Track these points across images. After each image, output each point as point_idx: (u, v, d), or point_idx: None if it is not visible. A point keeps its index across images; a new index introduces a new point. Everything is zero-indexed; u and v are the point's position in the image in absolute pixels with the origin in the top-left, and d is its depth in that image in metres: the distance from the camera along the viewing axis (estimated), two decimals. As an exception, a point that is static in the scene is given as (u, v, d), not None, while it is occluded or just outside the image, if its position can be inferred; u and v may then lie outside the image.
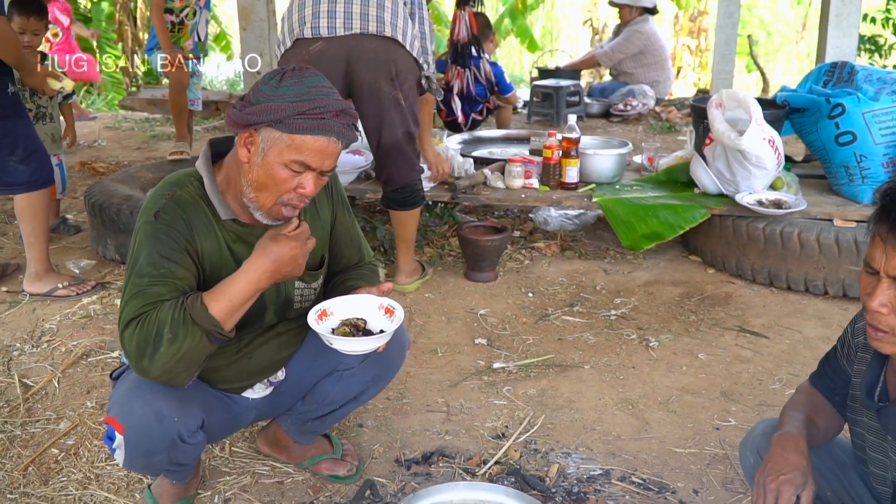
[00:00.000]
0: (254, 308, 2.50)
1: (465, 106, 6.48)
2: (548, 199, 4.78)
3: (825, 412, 2.16)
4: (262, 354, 2.62)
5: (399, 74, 3.95)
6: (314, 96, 2.22)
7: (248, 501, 2.78)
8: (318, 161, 2.26)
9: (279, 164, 2.25)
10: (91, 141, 8.17)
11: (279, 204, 2.33)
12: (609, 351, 3.80)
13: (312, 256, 2.60)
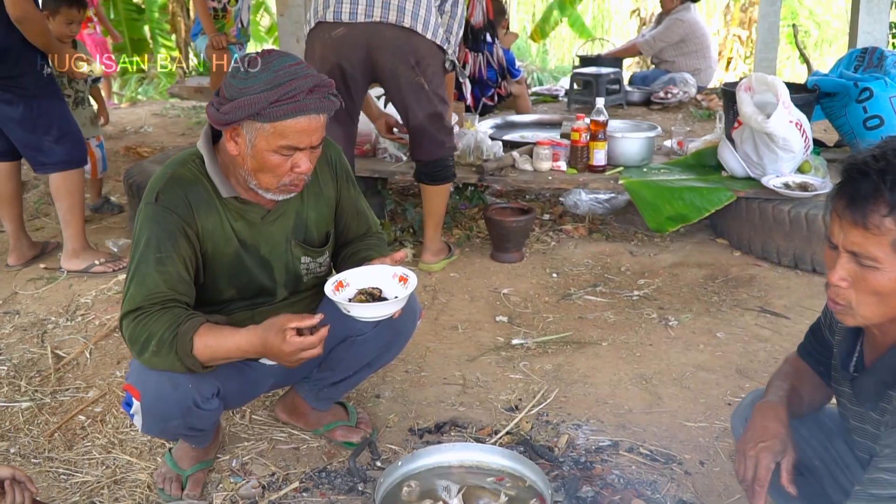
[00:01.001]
0: (262, 283, 2.60)
1: (475, 90, 6.53)
2: (575, 182, 4.82)
3: (811, 382, 2.18)
4: None
5: (421, 62, 4.03)
6: (283, 80, 2.26)
7: (264, 466, 2.88)
8: (305, 140, 2.33)
9: (269, 152, 2.32)
10: (138, 127, 8.37)
11: (282, 185, 2.41)
12: (628, 329, 3.84)
13: (317, 232, 2.68)
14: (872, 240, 1.67)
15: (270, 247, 2.59)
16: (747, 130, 4.58)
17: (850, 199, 1.69)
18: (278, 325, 2.27)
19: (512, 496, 2.15)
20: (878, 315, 1.77)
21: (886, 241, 1.66)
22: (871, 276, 1.71)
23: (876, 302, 1.74)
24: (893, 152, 1.69)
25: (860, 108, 4.71)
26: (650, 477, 2.81)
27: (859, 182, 1.68)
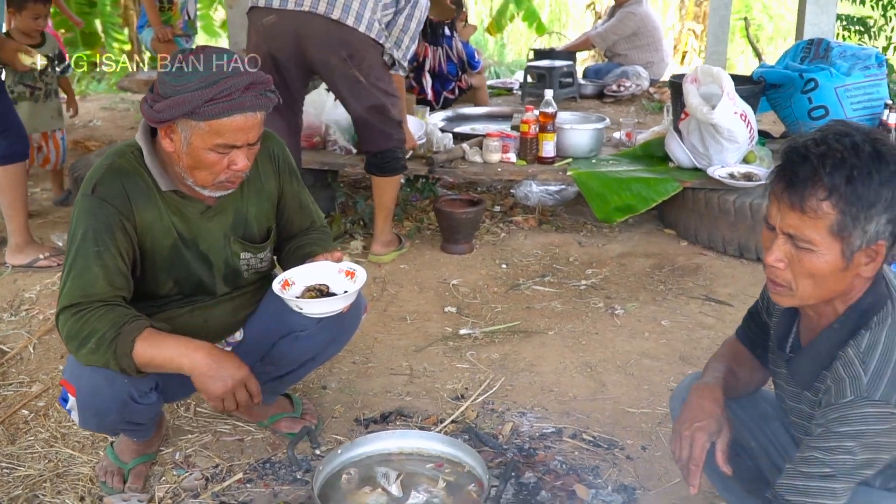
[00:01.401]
0: (201, 278, 2.58)
1: (436, 84, 6.55)
2: (524, 173, 4.85)
3: (747, 364, 2.22)
4: (217, 318, 2.69)
5: (354, 55, 4.02)
6: (218, 77, 2.23)
7: (208, 458, 2.87)
8: (242, 138, 2.30)
9: (205, 150, 2.29)
10: (87, 121, 8.27)
11: (217, 182, 2.39)
12: (575, 318, 3.87)
13: (258, 228, 2.66)
14: (809, 223, 1.70)
15: (209, 243, 2.56)
16: (693, 122, 4.64)
17: (789, 183, 1.72)
18: (238, 372, 2.31)
19: (451, 482, 2.16)
20: (814, 296, 1.80)
21: (823, 225, 1.69)
22: (807, 258, 1.74)
23: (811, 284, 1.77)
24: (833, 136, 1.72)
25: (805, 99, 4.79)
26: (592, 462, 2.84)
27: (799, 166, 1.71)
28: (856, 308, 1.81)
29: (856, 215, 1.67)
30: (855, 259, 1.73)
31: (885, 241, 1.72)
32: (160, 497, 2.67)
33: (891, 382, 1.72)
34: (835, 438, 1.75)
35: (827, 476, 1.76)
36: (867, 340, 1.77)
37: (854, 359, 1.76)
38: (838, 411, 1.74)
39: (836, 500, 1.77)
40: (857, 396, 1.72)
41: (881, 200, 1.68)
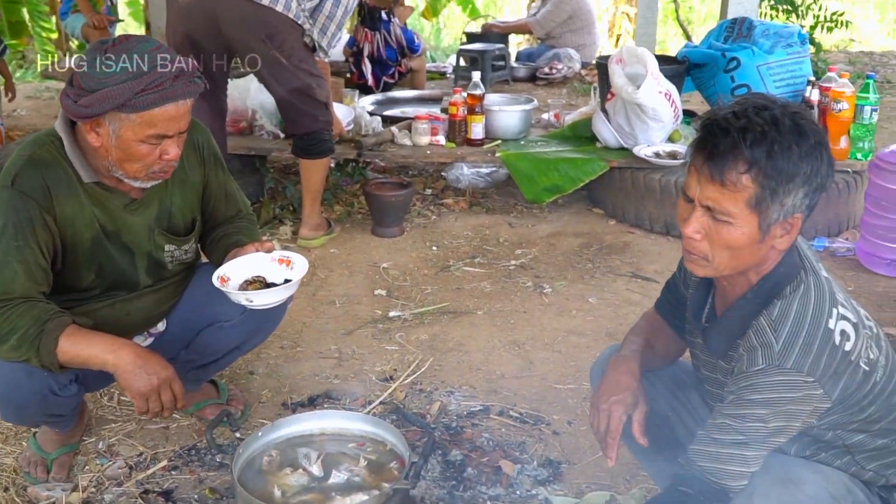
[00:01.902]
0: (123, 270, 2.54)
1: (375, 69, 6.53)
2: (453, 155, 4.86)
3: (664, 336, 2.25)
4: (140, 310, 2.65)
5: (274, 36, 3.97)
6: (147, 68, 2.19)
7: (132, 446, 2.84)
8: (174, 127, 2.27)
9: (136, 142, 2.24)
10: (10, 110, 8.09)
11: (150, 173, 2.35)
12: (504, 298, 3.90)
13: (182, 219, 2.62)
14: (728, 196, 1.71)
15: (132, 236, 2.52)
16: (619, 102, 4.69)
17: (709, 155, 1.72)
18: (163, 371, 2.31)
19: (372, 460, 2.17)
20: (730, 267, 1.82)
21: (742, 198, 1.71)
22: (725, 230, 1.75)
23: (728, 255, 1.79)
24: (754, 110, 1.73)
25: (728, 78, 4.86)
26: (519, 438, 2.87)
27: (719, 138, 1.71)
28: (769, 278, 1.84)
29: (774, 189, 1.69)
30: (771, 231, 1.75)
31: (802, 213, 1.76)
32: (84, 486, 2.65)
33: (802, 351, 1.74)
34: (746, 406, 1.78)
35: (738, 443, 1.79)
36: (779, 309, 1.79)
37: (766, 327, 1.79)
38: (750, 379, 1.77)
39: (746, 466, 1.80)
40: (768, 364, 1.75)
41: (800, 174, 1.70)
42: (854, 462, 1.93)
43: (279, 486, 2.08)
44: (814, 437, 1.91)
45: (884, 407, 1.90)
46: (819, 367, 1.75)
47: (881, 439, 1.92)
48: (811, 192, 1.73)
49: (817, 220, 4.43)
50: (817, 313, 1.78)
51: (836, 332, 1.78)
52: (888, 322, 3.62)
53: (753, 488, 1.83)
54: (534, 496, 2.59)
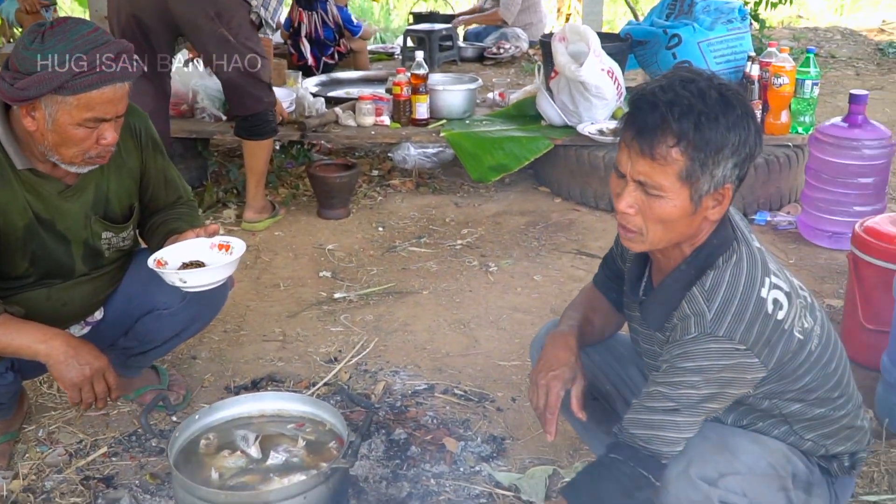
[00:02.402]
0: (58, 258, 2.50)
1: (314, 49, 6.48)
2: (398, 136, 4.85)
3: (603, 310, 2.26)
4: (76, 299, 2.61)
5: (222, 13, 3.92)
6: (84, 49, 2.17)
7: (72, 433, 2.81)
8: (112, 110, 2.24)
9: (73, 126, 2.21)
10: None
11: (87, 158, 2.31)
12: (449, 277, 3.90)
13: (119, 206, 2.58)
14: (659, 170, 1.72)
15: (68, 223, 2.48)
16: (563, 80, 4.70)
17: (639, 130, 1.73)
18: (97, 362, 2.30)
19: (311, 440, 2.16)
20: (664, 241, 1.83)
21: (673, 171, 1.71)
22: (658, 204, 1.76)
23: (661, 229, 1.80)
24: (680, 83, 1.74)
25: (670, 55, 4.89)
26: (463, 416, 2.87)
27: (648, 113, 1.72)
28: (702, 249, 1.86)
29: (704, 161, 1.70)
30: (703, 203, 1.76)
31: (732, 184, 1.77)
32: (24, 474, 2.61)
33: (735, 319, 1.76)
34: (679, 373, 1.79)
35: (670, 410, 1.80)
36: (712, 279, 1.81)
37: (699, 296, 1.80)
38: (683, 347, 1.79)
39: (678, 433, 1.82)
40: (700, 333, 1.77)
41: (728, 145, 1.71)
42: (792, 432, 1.96)
43: (217, 468, 2.06)
44: (750, 407, 1.93)
45: (820, 376, 1.92)
46: (752, 336, 1.77)
47: (818, 409, 1.95)
48: (740, 162, 1.75)
49: (759, 194, 4.48)
50: (749, 283, 1.80)
51: (769, 301, 1.80)
52: (830, 293, 3.69)
53: (691, 456, 1.84)
54: (477, 472, 2.60)
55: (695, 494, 1.85)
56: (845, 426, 2.01)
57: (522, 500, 2.48)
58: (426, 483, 2.53)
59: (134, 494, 2.48)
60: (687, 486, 1.85)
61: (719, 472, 1.85)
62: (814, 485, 1.99)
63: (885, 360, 2.82)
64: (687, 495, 1.85)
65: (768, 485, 1.92)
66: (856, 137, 3.97)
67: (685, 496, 1.85)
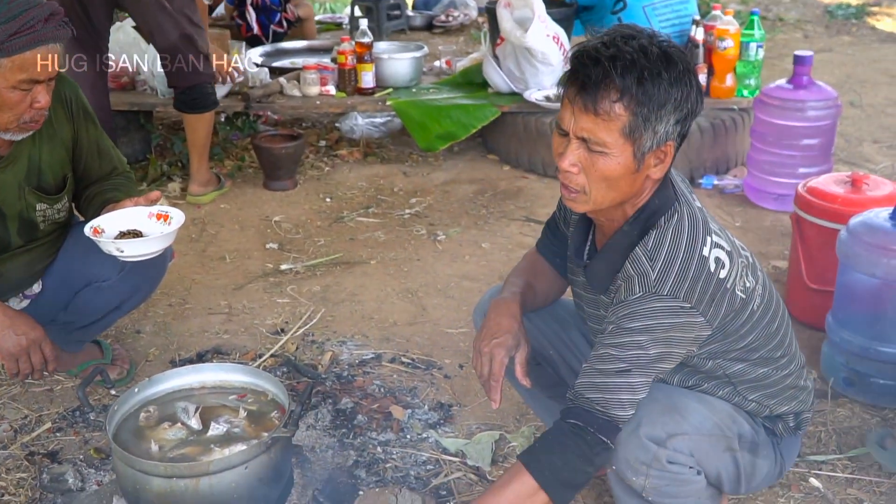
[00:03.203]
0: None
1: (261, 17, 6.37)
2: (343, 105, 4.80)
3: (546, 276, 2.24)
4: (12, 271, 2.58)
5: None
6: (18, 11, 2.16)
7: (16, 409, 2.77)
8: (44, 72, 2.23)
9: (7, 89, 2.21)
10: None
11: (22, 123, 2.30)
12: (397, 247, 3.89)
13: (53, 176, 2.55)
14: (602, 126, 1.71)
15: (2, 195, 2.45)
16: (509, 46, 4.67)
17: (582, 86, 1.71)
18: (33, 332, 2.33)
19: (253, 411, 2.14)
20: (607, 200, 1.82)
21: (616, 127, 1.71)
22: (601, 161, 1.75)
23: (605, 187, 1.78)
24: (622, 39, 1.73)
25: (615, 19, 4.88)
26: (410, 384, 2.88)
27: (590, 69, 1.70)
28: (644, 210, 1.86)
29: (647, 116, 1.70)
30: (646, 161, 1.76)
31: (674, 141, 1.77)
32: (-32, 451, 2.58)
33: (678, 278, 1.77)
34: (626, 334, 1.79)
35: (622, 371, 1.80)
36: (654, 239, 1.81)
37: (641, 256, 1.81)
38: (628, 307, 1.79)
39: (633, 394, 1.82)
40: (645, 292, 1.77)
41: (671, 100, 1.72)
42: (736, 392, 1.98)
43: (156, 440, 2.04)
44: (694, 368, 1.95)
45: (762, 335, 1.94)
46: (695, 294, 1.78)
47: (761, 368, 1.97)
48: (682, 118, 1.75)
49: (705, 157, 4.51)
50: (691, 242, 1.81)
51: (711, 259, 1.81)
52: (775, 255, 3.73)
53: (640, 418, 1.86)
54: (424, 439, 2.60)
55: (643, 455, 1.87)
56: (788, 386, 2.03)
57: (469, 466, 2.49)
58: (373, 451, 2.53)
59: (78, 469, 2.45)
60: (636, 447, 1.87)
61: (667, 432, 1.87)
62: (759, 445, 2.03)
63: (829, 320, 2.86)
64: (636, 455, 1.88)
65: (714, 445, 1.95)
66: (801, 98, 4.00)
67: (634, 456, 1.88)
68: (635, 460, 1.88)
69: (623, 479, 1.93)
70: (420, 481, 2.41)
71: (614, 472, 1.95)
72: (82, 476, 2.43)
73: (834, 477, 2.44)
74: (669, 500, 1.94)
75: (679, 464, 1.89)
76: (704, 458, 1.93)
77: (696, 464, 1.92)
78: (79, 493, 2.35)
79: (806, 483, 2.41)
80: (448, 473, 2.45)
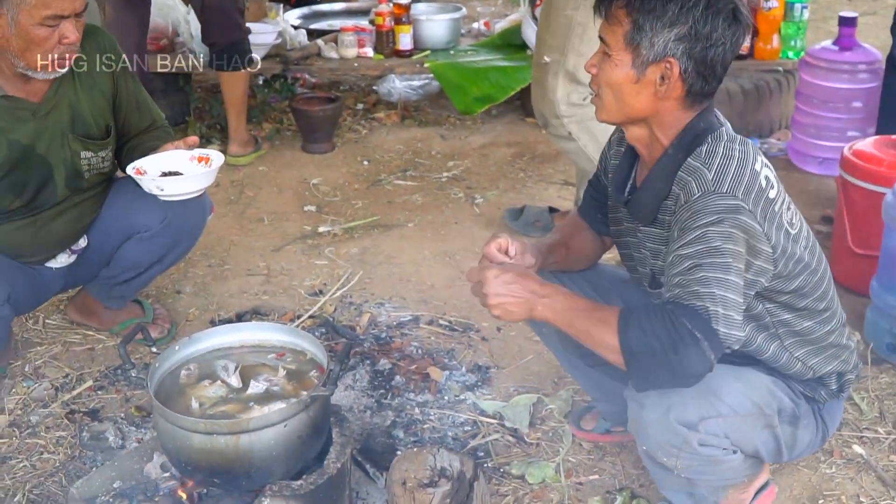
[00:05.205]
0: (42, 184, 2.51)
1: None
2: (381, 67, 4.78)
3: (582, 236, 2.25)
4: (60, 226, 2.62)
5: None
6: None
7: (58, 368, 2.81)
8: (69, 7, 2.27)
9: (34, 26, 2.26)
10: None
11: (52, 60, 2.34)
12: (435, 210, 3.88)
13: (96, 125, 2.58)
14: (609, 30, 1.83)
15: (47, 144, 2.49)
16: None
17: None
18: None
19: (291, 369, 2.15)
20: (617, 110, 1.88)
21: (621, 32, 1.81)
22: (608, 64, 1.84)
23: (611, 95, 1.86)
24: None
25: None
26: (448, 346, 2.88)
27: None
28: (688, 132, 1.87)
29: (642, 25, 1.78)
30: (647, 73, 1.81)
31: (677, 60, 1.79)
32: (10, 409, 2.63)
33: (735, 180, 1.77)
34: (695, 232, 1.74)
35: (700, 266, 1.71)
36: (706, 149, 1.83)
37: (695, 162, 1.82)
38: (690, 209, 1.77)
39: (724, 290, 1.70)
40: (704, 190, 1.76)
41: (667, 14, 1.77)
42: (783, 348, 1.94)
43: (197, 398, 2.05)
44: (748, 311, 1.86)
45: (809, 282, 1.92)
46: (750, 198, 1.77)
47: (806, 321, 1.95)
48: (684, 36, 1.78)
49: (749, 120, 4.44)
50: (744, 154, 1.83)
51: (762, 175, 1.82)
52: (819, 220, 3.66)
53: (671, 401, 1.82)
54: (462, 401, 2.60)
55: (674, 439, 1.86)
56: (831, 344, 2.01)
57: (507, 428, 2.48)
58: (410, 412, 2.53)
59: (119, 427, 2.48)
60: (666, 431, 1.85)
61: (700, 415, 1.84)
62: (800, 417, 2.01)
63: (874, 285, 2.82)
64: (667, 439, 1.86)
65: (753, 424, 1.93)
66: (847, 60, 3.92)
67: (664, 439, 1.87)
68: (666, 443, 1.87)
69: (654, 458, 1.92)
70: (458, 442, 2.42)
71: (646, 452, 1.94)
72: (123, 434, 2.46)
73: (878, 443, 2.40)
74: (704, 476, 1.94)
75: (712, 446, 1.87)
76: (741, 437, 1.92)
77: (731, 444, 1.91)
78: (119, 451, 2.38)
79: (849, 449, 2.38)
80: (486, 435, 2.46)
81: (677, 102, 1.85)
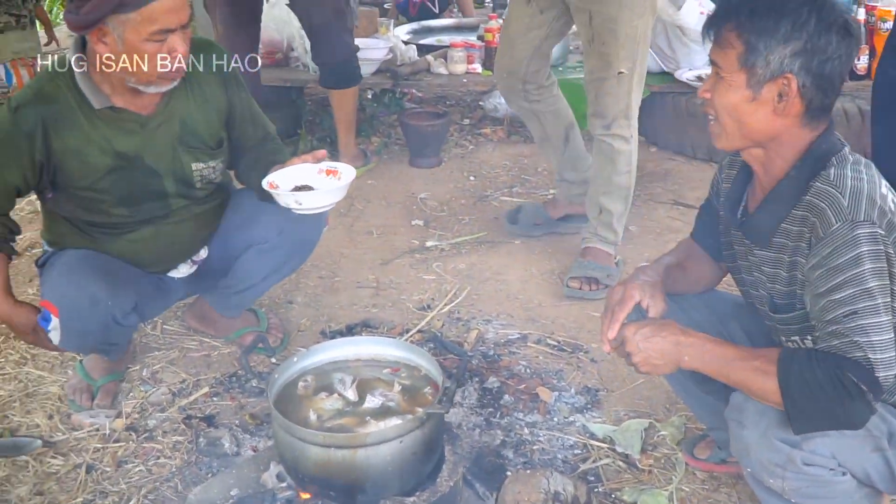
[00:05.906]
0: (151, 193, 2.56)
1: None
2: (489, 83, 4.79)
3: (698, 260, 2.23)
4: (181, 236, 2.69)
5: None
6: None
7: (175, 373, 2.89)
8: (175, 20, 2.27)
9: (142, 42, 2.25)
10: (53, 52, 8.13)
11: (163, 73, 2.34)
12: (542, 227, 3.87)
13: (209, 136, 2.61)
14: (721, 53, 1.83)
15: (155, 155, 2.53)
16: (660, 24, 4.56)
17: (711, 20, 1.88)
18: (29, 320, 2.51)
19: (406, 385, 2.17)
20: (738, 135, 1.87)
21: (733, 55, 1.80)
22: (722, 86, 1.84)
23: (729, 119, 1.85)
24: None
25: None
26: (556, 366, 2.86)
27: (719, 5, 1.90)
28: (811, 154, 1.85)
29: (755, 45, 1.78)
30: (764, 92, 1.80)
31: (795, 75, 1.78)
32: (128, 412, 2.70)
33: (869, 205, 1.74)
34: (839, 273, 1.72)
35: (852, 314, 1.70)
36: (834, 173, 1.80)
37: (825, 187, 1.79)
38: (831, 244, 1.74)
39: (881, 334, 1.69)
40: (842, 221, 1.73)
41: (780, 31, 1.77)
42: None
43: (314, 410, 2.09)
44: None
45: None
46: (884, 225, 1.74)
47: None
48: (800, 51, 1.77)
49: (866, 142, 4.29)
50: (871, 177, 1.80)
51: (889, 200, 1.79)
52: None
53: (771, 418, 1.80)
54: (571, 423, 2.59)
55: (776, 457, 1.82)
56: None
57: (618, 453, 2.46)
58: (519, 432, 2.53)
59: (234, 434, 2.54)
60: (767, 449, 1.82)
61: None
62: None
63: None
64: (768, 458, 1.83)
65: (861, 445, 1.86)
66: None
67: (766, 458, 1.83)
68: (769, 462, 1.83)
69: (761, 481, 1.88)
70: (568, 465, 2.41)
71: (751, 475, 1.90)
72: (238, 441, 2.51)
73: None
74: (814, 500, 1.87)
75: (818, 465, 1.82)
76: (849, 458, 1.85)
77: (838, 465, 1.85)
78: (234, 458, 2.43)
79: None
80: (596, 459, 2.44)
81: (797, 120, 1.83)
